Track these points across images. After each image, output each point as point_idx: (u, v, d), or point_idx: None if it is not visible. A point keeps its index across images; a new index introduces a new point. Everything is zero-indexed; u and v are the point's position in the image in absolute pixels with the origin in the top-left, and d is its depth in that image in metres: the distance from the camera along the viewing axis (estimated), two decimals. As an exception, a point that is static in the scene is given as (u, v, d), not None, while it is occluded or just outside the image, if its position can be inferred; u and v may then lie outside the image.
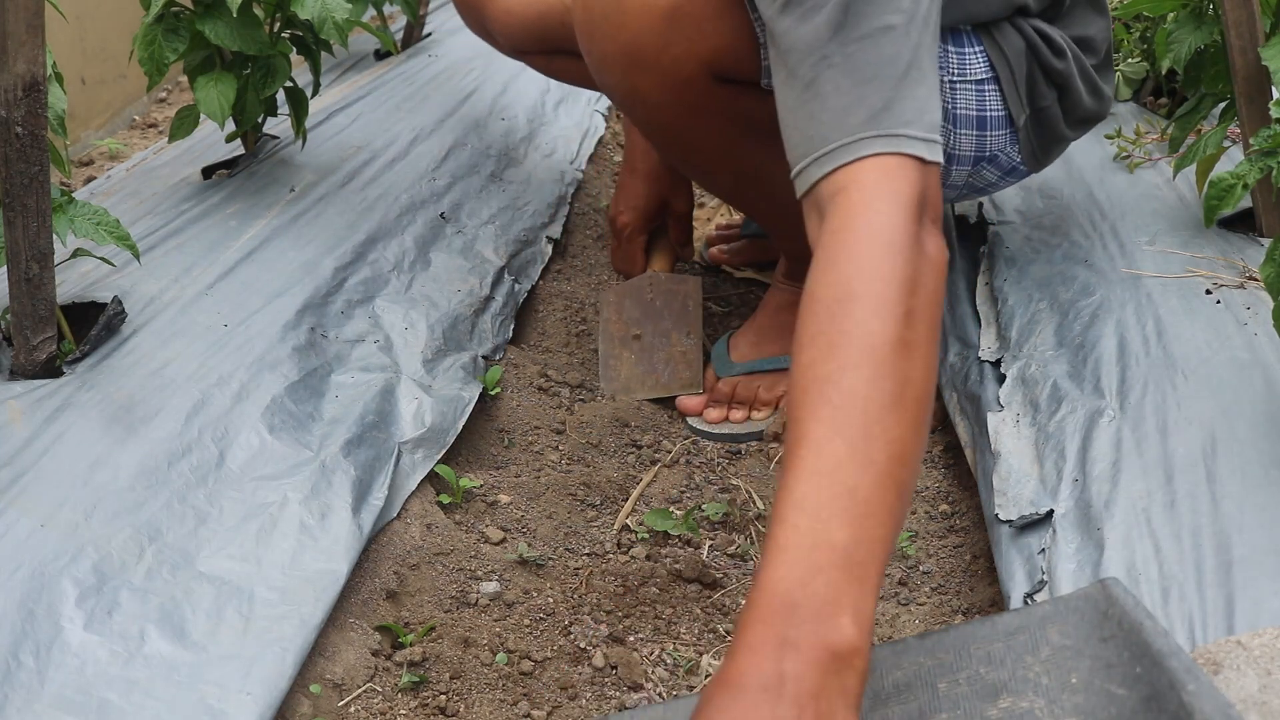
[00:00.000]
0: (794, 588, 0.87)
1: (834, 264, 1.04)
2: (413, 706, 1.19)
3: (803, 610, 0.87)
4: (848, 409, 0.95)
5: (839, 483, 0.92)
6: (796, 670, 0.84)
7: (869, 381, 0.96)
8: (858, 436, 0.94)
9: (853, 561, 0.89)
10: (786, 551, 0.90)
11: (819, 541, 0.89)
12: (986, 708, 0.92)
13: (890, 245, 1.03)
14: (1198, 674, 0.85)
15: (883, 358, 0.97)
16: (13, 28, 1.24)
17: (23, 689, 1.02)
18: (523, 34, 2.01)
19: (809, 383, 0.98)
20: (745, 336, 1.79)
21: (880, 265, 1.02)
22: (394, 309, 1.66)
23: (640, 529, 1.48)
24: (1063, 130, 1.62)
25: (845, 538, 0.89)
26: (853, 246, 1.04)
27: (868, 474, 0.93)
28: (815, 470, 0.93)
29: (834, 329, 1.00)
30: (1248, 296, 1.48)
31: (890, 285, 1.01)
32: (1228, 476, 1.19)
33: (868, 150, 1.08)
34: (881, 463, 0.94)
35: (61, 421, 1.30)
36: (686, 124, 1.49)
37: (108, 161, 2.38)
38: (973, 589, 1.35)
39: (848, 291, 1.01)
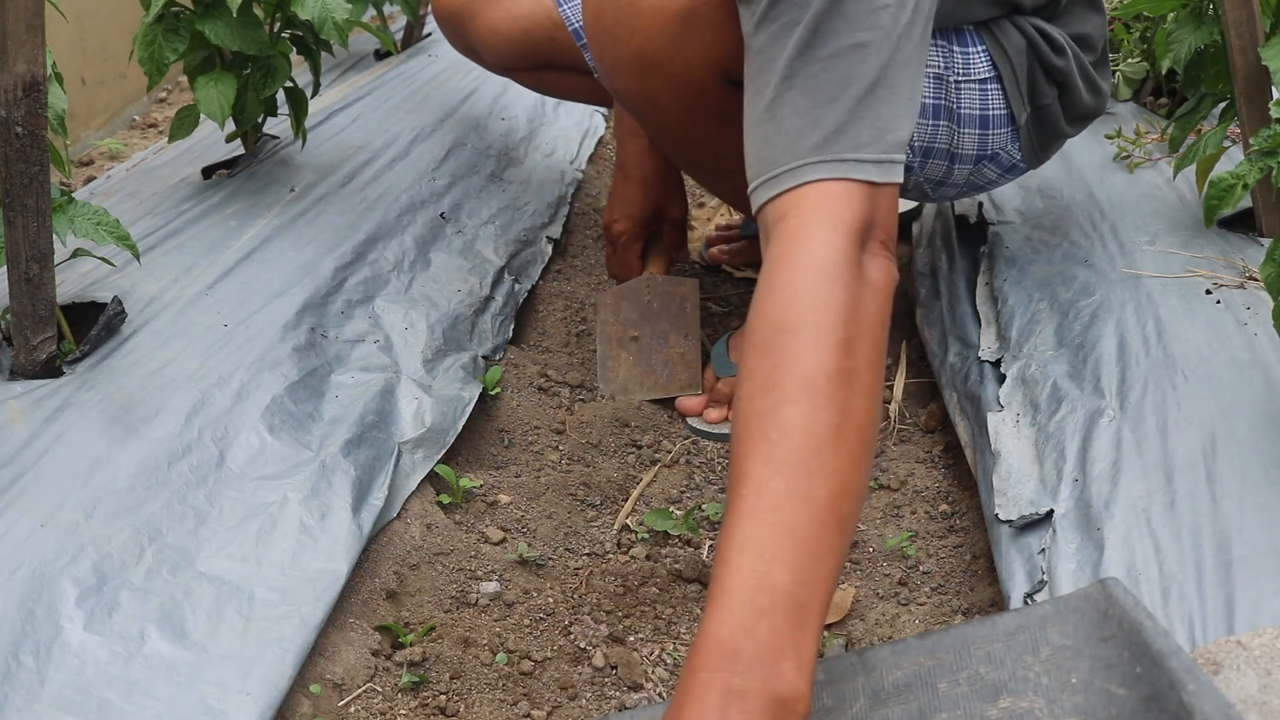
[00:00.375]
0: (737, 633, 0.87)
1: (771, 294, 1.03)
2: (413, 706, 1.19)
3: (746, 657, 0.87)
4: (785, 445, 0.94)
5: (779, 522, 0.91)
6: (744, 715, 0.85)
7: (806, 415, 0.95)
8: (797, 473, 0.93)
9: (795, 604, 0.89)
10: (729, 595, 0.89)
11: (761, 585, 0.89)
12: (986, 708, 0.92)
13: (825, 273, 1.02)
14: (1198, 674, 0.85)
15: (820, 389, 0.96)
16: (13, 28, 1.24)
17: (23, 689, 1.02)
18: (509, 52, 2.01)
19: (748, 418, 0.97)
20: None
21: (816, 293, 1.01)
22: (394, 309, 1.66)
23: (640, 529, 1.48)
24: (1062, 127, 1.63)
25: (787, 580, 0.89)
26: (789, 275, 1.03)
27: (808, 511, 0.92)
28: (755, 510, 0.92)
29: (770, 362, 0.99)
30: (1248, 296, 1.48)
31: (826, 314, 0.99)
32: (1228, 476, 1.19)
33: (811, 176, 1.07)
34: (822, 499, 0.93)
35: (61, 421, 1.30)
36: (698, 127, 1.49)
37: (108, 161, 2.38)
38: (973, 589, 1.35)
39: (784, 323, 1.00)
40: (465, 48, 2.11)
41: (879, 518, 1.53)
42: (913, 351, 1.83)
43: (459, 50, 2.15)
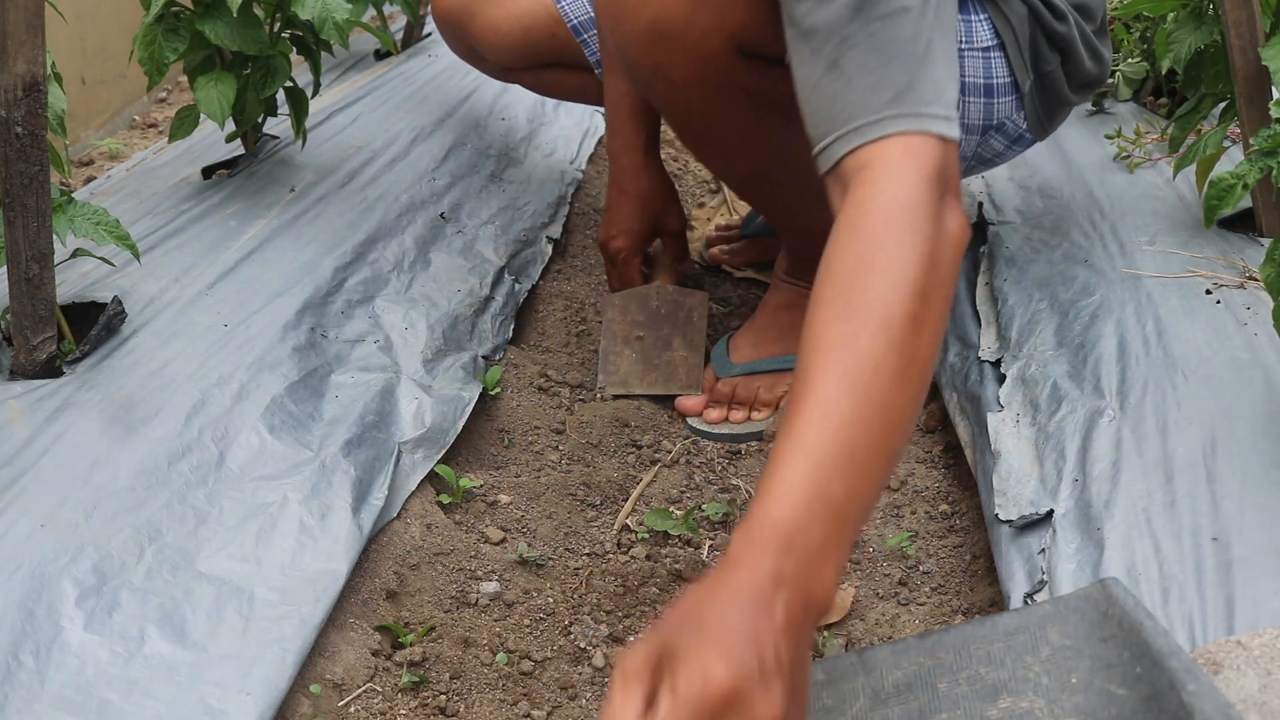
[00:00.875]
0: (793, 530, 0.92)
1: (856, 233, 1.07)
2: (413, 706, 1.19)
3: (798, 551, 0.92)
4: (858, 372, 1.00)
5: (843, 440, 0.97)
6: (786, 601, 0.90)
7: (881, 351, 1.00)
8: (864, 400, 0.99)
9: (843, 517, 0.94)
10: (789, 489, 0.95)
11: (819, 492, 0.94)
12: (986, 708, 0.92)
13: (912, 221, 1.06)
14: (1198, 674, 0.85)
15: (895, 329, 1.01)
16: (13, 28, 1.24)
17: (23, 689, 1.02)
18: (509, 51, 2.01)
19: (822, 339, 1.03)
20: (745, 337, 1.79)
21: (902, 239, 1.05)
22: (394, 309, 1.66)
23: (640, 529, 1.48)
24: (1066, 94, 1.64)
25: (841, 493, 0.95)
26: (876, 219, 1.06)
27: (867, 437, 0.98)
28: (822, 422, 0.98)
29: (853, 295, 1.04)
30: (1248, 296, 1.48)
31: (909, 260, 1.04)
32: (1228, 476, 1.19)
33: (893, 129, 1.10)
34: (880, 429, 0.99)
35: (61, 421, 1.30)
36: (710, 102, 1.49)
37: (108, 161, 2.38)
38: (973, 589, 1.35)
39: (868, 262, 1.05)
40: (466, 50, 2.10)
41: (879, 518, 1.53)
42: (913, 351, 1.83)
43: (459, 53, 2.14)
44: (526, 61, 2.01)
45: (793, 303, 1.79)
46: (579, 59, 1.94)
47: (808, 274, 1.77)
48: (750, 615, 0.89)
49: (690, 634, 0.88)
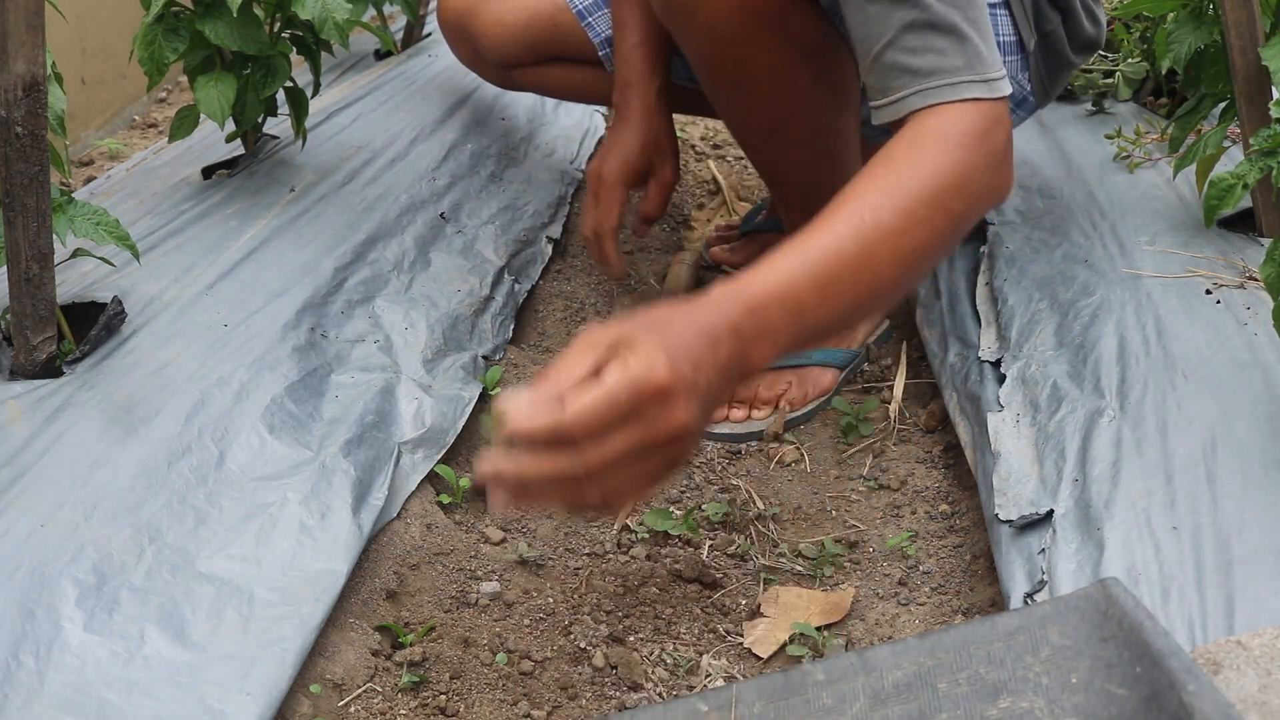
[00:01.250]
0: (761, 303, 1.09)
1: (919, 140, 1.25)
2: (413, 706, 1.19)
3: (756, 319, 1.08)
4: (870, 235, 1.17)
5: (832, 271, 1.14)
6: (731, 348, 1.06)
7: (895, 230, 1.17)
8: (861, 254, 1.16)
9: (800, 318, 1.11)
10: (773, 278, 1.12)
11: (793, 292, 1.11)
12: (986, 708, 0.92)
13: (965, 147, 1.24)
14: (1198, 674, 0.85)
15: (913, 222, 1.18)
16: (13, 28, 1.24)
17: (23, 689, 1.02)
18: (512, 43, 2.01)
19: (866, 192, 1.20)
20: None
21: (955, 156, 1.23)
22: (394, 309, 1.65)
23: (640, 529, 1.48)
24: (1068, 55, 1.68)
25: (809, 302, 1.12)
26: (940, 139, 1.24)
27: (850, 280, 1.15)
28: (824, 249, 1.15)
29: (898, 176, 1.21)
30: (1248, 296, 1.48)
31: (953, 173, 1.22)
32: (1228, 476, 1.19)
33: (968, 94, 1.26)
34: (863, 283, 1.16)
35: (61, 421, 1.30)
36: (744, 39, 1.48)
37: (108, 161, 2.38)
38: (973, 589, 1.35)
39: (921, 161, 1.22)
40: (470, 53, 2.11)
41: (879, 518, 1.53)
42: (913, 351, 1.83)
43: (463, 57, 2.15)
44: (529, 53, 2.00)
45: None
46: (582, 51, 1.94)
47: None
48: (701, 344, 1.05)
49: (651, 334, 1.02)
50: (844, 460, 1.65)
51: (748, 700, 0.96)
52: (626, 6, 1.83)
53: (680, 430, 1.00)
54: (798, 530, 1.52)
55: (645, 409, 0.98)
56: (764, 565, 1.45)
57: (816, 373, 1.75)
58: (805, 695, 0.96)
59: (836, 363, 1.76)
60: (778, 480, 1.61)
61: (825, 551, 1.46)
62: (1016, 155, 2.06)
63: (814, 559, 1.45)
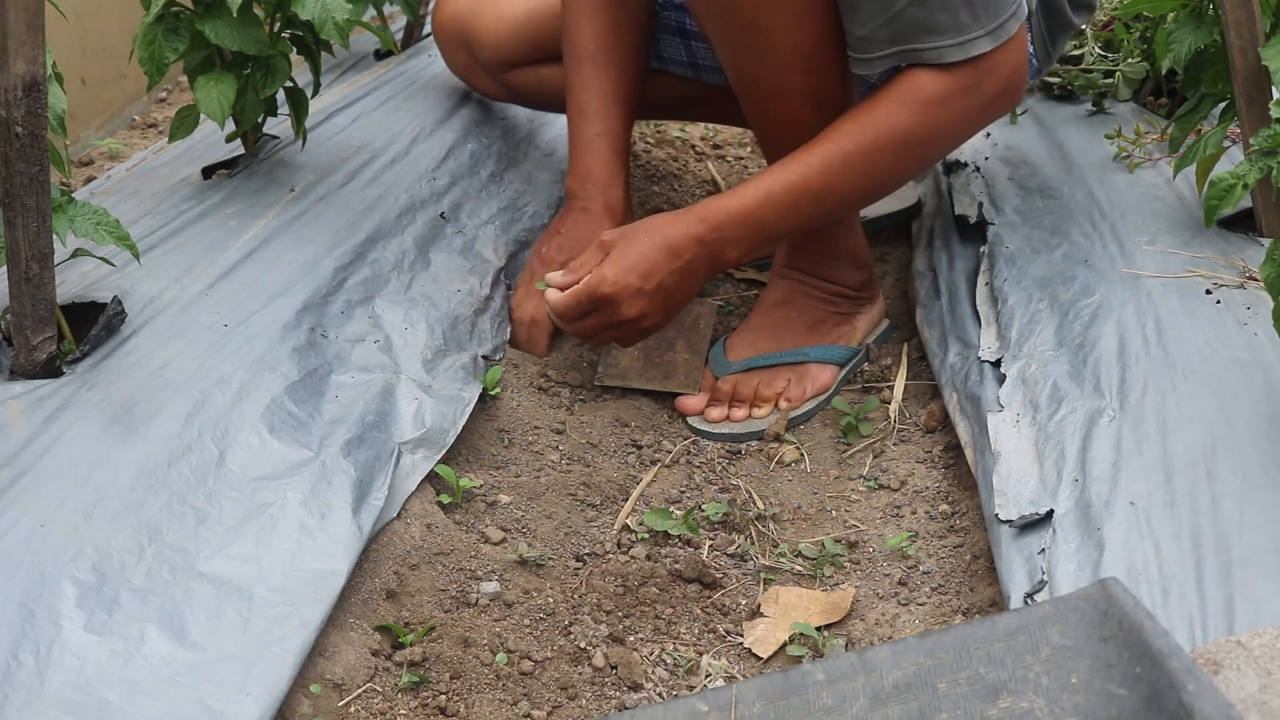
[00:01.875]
0: (724, 221, 1.53)
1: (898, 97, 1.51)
2: (413, 706, 1.19)
3: (719, 233, 1.53)
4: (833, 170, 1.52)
5: (792, 199, 1.52)
6: (694, 255, 1.53)
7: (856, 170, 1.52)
8: (822, 187, 1.52)
9: (759, 233, 1.54)
10: (738, 200, 1.53)
11: (756, 212, 1.52)
12: (986, 708, 0.92)
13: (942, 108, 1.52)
14: (1198, 674, 0.85)
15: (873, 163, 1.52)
16: (13, 28, 1.24)
17: (23, 689, 1.02)
18: (513, 39, 2.01)
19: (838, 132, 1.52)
20: (741, 336, 1.79)
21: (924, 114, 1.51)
22: (394, 309, 1.65)
23: (640, 529, 1.48)
24: (1068, 15, 1.76)
25: (769, 221, 1.53)
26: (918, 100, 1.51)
27: (809, 208, 1.53)
28: (790, 179, 1.52)
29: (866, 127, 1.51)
30: (1248, 296, 1.48)
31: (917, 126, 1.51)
32: (1228, 476, 1.19)
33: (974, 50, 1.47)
34: (820, 208, 1.55)
35: (61, 421, 1.30)
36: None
37: (108, 161, 2.38)
38: (973, 589, 1.35)
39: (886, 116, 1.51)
40: (465, 60, 2.11)
41: (879, 518, 1.53)
42: (913, 351, 1.83)
43: (457, 66, 2.15)
44: (528, 50, 2.00)
45: (788, 299, 1.78)
46: None
47: (807, 263, 1.77)
48: (659, 255, 1.52)
49: (621, 245, 1.53)
50: (844, 460, 1.65)
51: (748, 700, 0.96)
52: (590, 92, 1.81)
53: (629, 318, 1.54)
54: (798, 530, 1.52)
55: (599, 306, 1.54)
56: (764, 565, 1.45)
57: (815, 370, 1.75)
58: (805, 695, 0.96)
59: (835, 360, 1.76)
60: (778, 480, 1.61)
61: (825, 551, 1.46)
62: (1016, 155, 2.07)
63: (814, 559, 1.45)
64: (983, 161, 2.08)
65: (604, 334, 1.58)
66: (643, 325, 1.56)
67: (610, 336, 1.59)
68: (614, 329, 1.57)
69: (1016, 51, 1.52)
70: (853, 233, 1.79)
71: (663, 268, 1.52)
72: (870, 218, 2.13)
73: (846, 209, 1.62)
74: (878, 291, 1.85)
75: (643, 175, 2.39)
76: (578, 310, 1.55)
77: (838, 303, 1.80)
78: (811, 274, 1.78)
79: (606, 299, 1.52)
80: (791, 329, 1.77)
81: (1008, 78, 1.52)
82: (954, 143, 1.61)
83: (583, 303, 1.54)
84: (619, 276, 1.51)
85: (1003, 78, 1.52)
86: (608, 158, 1.80)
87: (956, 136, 1.59)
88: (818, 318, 1.79)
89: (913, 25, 1.47)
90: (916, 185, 2.20)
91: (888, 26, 1.47)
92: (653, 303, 1.53)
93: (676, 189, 2.39)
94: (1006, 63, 1.51)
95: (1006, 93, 1.54)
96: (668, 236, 1.52)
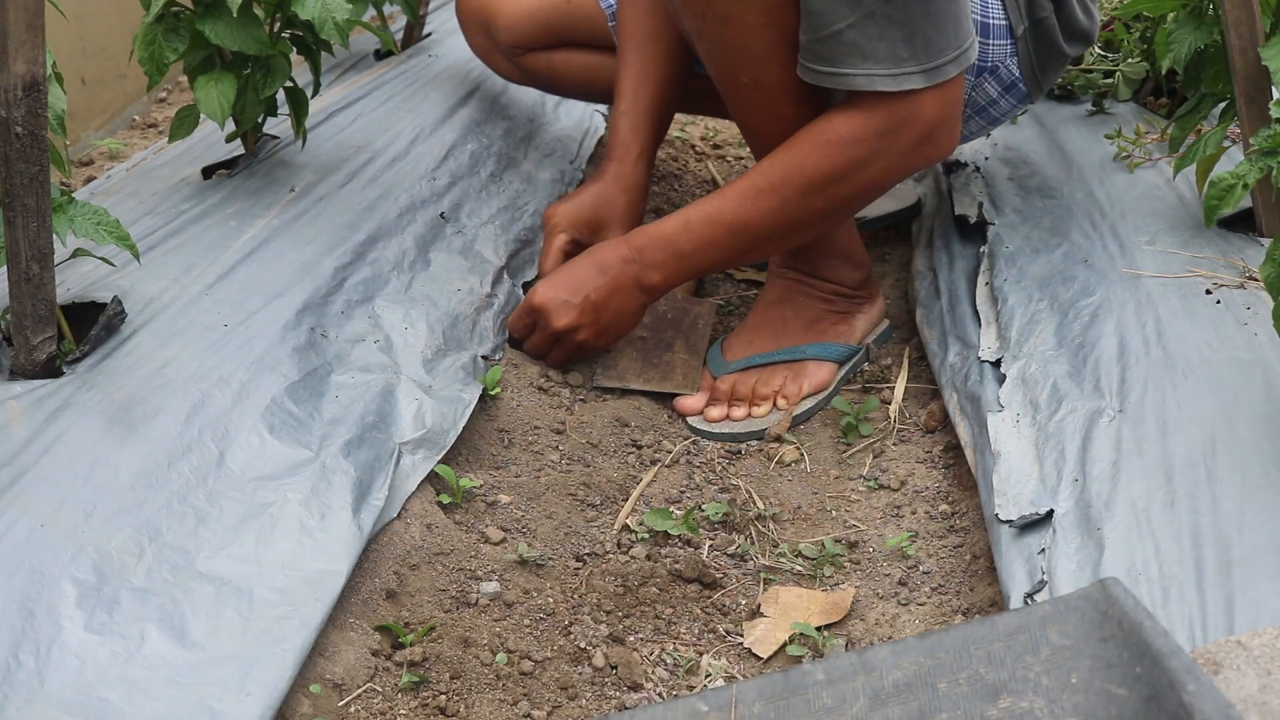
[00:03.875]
0: (648, 246, 1.64)
1: (826, 131, 1.53)
2: (413, 706, 1.19)
3: (643, 256, 1.64)
4: (749, 207, 1.58)
5: (710, 232, 1.61)
6: (619, 273, 1.64)
7: (769, 207, 1.57)
8: (737, 222, 1.60)
9: (680, 260, 1.63)
10: (663, 229, 1.63)
11: (676, 240, 1.62)
12: (986, 708, 0.92)
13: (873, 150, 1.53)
14: (1198, 674, 0.85)
15: (789, 198, 1.56)
16: (13, 28, 1.24)
17: (23, 689, 1.02)
18: (529, 24, 2.04)
19: (762, 169, 1.57)
20: (739, 336, 1.79)
21: (848, 150, 1.53)
22: (394, 309, 1.65)
23: (640, 529, 1.48)
24: (1060, 44, 1.72)
25: (687, 249, 1.62)
26: (842, 134, 1.53)
27: (726, 240, 1.61)
28: (711, 211, 1.61)
29: (789, 166, 1.55)
30: (1248, 296, 1.48)
31: (840, 163, 1.53)
32: (1228, 476, 1.19)
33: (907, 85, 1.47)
34: (738, 245, 1.62)
35: (61, 421, 1.30)
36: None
37: (108, 161, 2.38)
38: (973, 589, 1.35)
39: (815, 147, 1.54)
40: (484, 41, 2.14)
41: (879, 518, 1.53)
42: (913, 351, 1.83)
43: (477, 47, 2.19)
44: (543, 34, 2.04)
45: (785, 298, 1.79)
46: (594, 36, 1.98)
47: (803, 262, 1.78)
48: (587, 271, 1.65)
49: (561, 267, 1.71)
50: (844, 460, 1.65)
51: (748, 700, 0.96)
52: (624, 74, 1.86)
53: (561, 329, 1.66)
54: (798, 530, 1.52)
55: (535, 319, 1.68)
56: (764, 565, 1.45)
57: (812, 367, 1.75)
58: (805, 695, 0.96)
59: (832, 357, 1.76)
60: (778, 480, 1.61)
61: (825, 551, 1.46)
62: (1016, 155, 2.07)
63: (814, 559, 1.45)
64: (983, 161, 2.08)
65: (550, 350, 1.71)
66: (578, 339, 1.67)
67: (557, 354, 1.71)
68: (554, 342, 1.69)
69: (946, 101, 1.50)
70: (848, 232, 1.79)
71: (589, 283, 1.64)
72: (870, 218, 2.13)
73: (765, 245, 1.62)
74: (877, 291, 1.85)
75: (643, 175, 2.38)
76: (520, 324, 1.71)
77: (835, 301, 1.80)
78: (808, 273, 1.78)
79: (537, 309, 1.67)
80: (789, 328, 1.78)
81: (931, 127, 1.50)
82: (870, 187, 1.57)
83: (522, 315, 1.70)
84: (548, 290, 1.66)
85: (925, 125, 1.49)
86: (624, 135, 1.87)
87: (872, 180, 1.55)
88: (815, 316, 1.79)
89: (848, 49, 1.45)
90: (916, 185, 2.20)
91: (827, 44, 1.46)
92: (582, 315, 1.65)
93: (676, 189, 2.39)
94: (931, 109, 1.48)
95: (928, 142, 1.51)
96: (597, 255, 1.66)
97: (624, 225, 1.83)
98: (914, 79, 1.46)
